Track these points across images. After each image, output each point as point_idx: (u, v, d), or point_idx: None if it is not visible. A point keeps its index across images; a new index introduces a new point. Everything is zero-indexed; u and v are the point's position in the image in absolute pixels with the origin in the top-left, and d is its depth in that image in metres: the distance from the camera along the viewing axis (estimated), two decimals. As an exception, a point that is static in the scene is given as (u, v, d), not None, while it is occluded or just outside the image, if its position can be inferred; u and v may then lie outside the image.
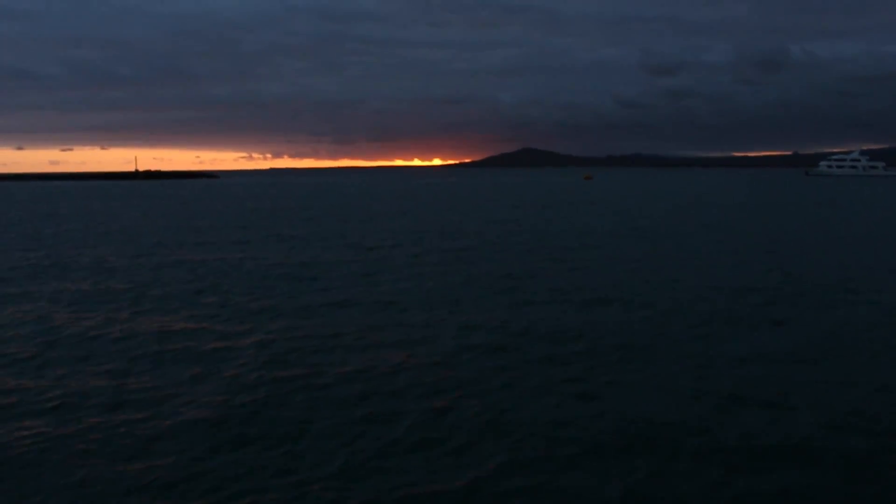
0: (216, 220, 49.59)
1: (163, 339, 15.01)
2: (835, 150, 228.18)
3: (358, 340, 14.83)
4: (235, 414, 10.62)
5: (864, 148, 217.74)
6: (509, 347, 14.24)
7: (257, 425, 10.22)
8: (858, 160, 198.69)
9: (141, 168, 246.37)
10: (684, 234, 37.52)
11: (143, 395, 11.48)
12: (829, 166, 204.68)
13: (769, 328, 15.92)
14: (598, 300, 19.19)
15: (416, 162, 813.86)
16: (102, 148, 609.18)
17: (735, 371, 12.65)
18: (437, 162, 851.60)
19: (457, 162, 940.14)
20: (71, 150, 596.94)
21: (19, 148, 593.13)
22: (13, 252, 31.03)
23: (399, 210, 60.64)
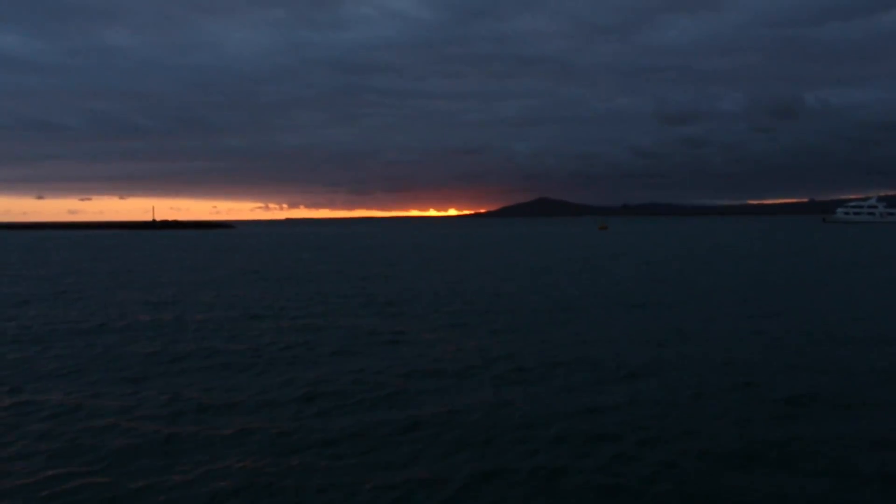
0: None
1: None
2: (851, 197, 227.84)
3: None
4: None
5: (882, 194, 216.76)
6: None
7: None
8: (876, 206, 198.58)
9: (158, 218, 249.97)
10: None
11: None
12: (847, 213, 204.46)
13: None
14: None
15: (432, 212, 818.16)
16: (121, 198, 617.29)
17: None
18: (452, 212, 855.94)
19: (472, 212, 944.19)
20: (90, 199, 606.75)
21: (40, 197, 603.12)
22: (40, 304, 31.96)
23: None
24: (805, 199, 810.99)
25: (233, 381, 15.61)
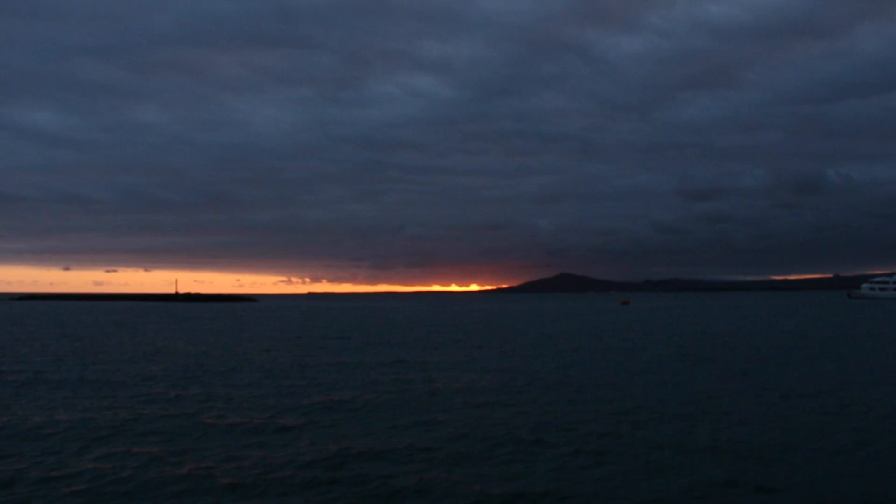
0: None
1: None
2: (876, 272, 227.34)
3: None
4: None
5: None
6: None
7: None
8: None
9: (181, 290, 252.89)
10: (748, 363, 38.44)
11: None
12: (872, 288, 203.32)
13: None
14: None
15: (454, 287, 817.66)
16: (146, 270, 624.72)
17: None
18: (474, 287, 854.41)
19: (494, 287, 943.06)
20: (115, 271, 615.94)
21: (66, 268, 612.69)
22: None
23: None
24: (830, 275, 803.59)
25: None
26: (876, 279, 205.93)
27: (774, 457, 15.53)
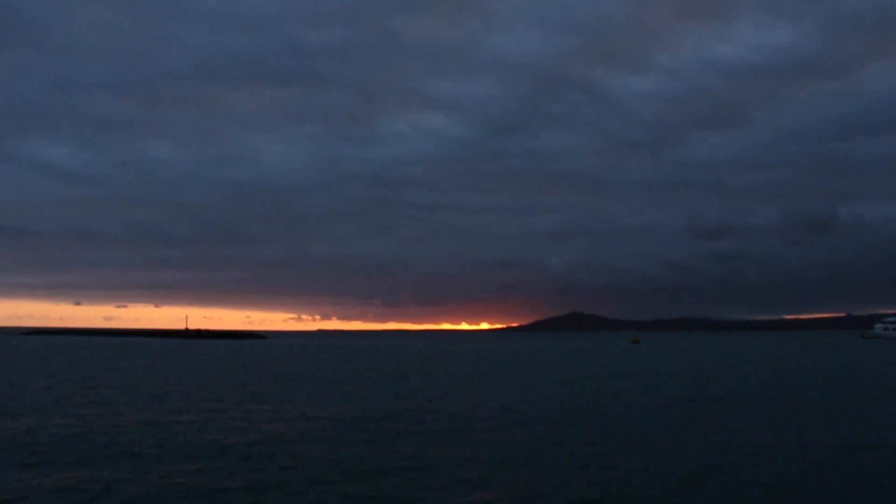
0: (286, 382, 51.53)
1: None
2: (889, 312, 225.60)
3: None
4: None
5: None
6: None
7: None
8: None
9: (191, 326, 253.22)
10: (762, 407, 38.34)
11: None
12: (885, 328, 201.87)
13: None
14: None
15: (464, 325, 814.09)
16: (156, 305, 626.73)
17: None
18: (484, 326, 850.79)
19: (504, 326, 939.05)
20: (125, 306, 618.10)
21: (77, 303, 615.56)
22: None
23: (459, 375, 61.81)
24: (842, 314, 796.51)
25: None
26: (889, 319, 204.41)
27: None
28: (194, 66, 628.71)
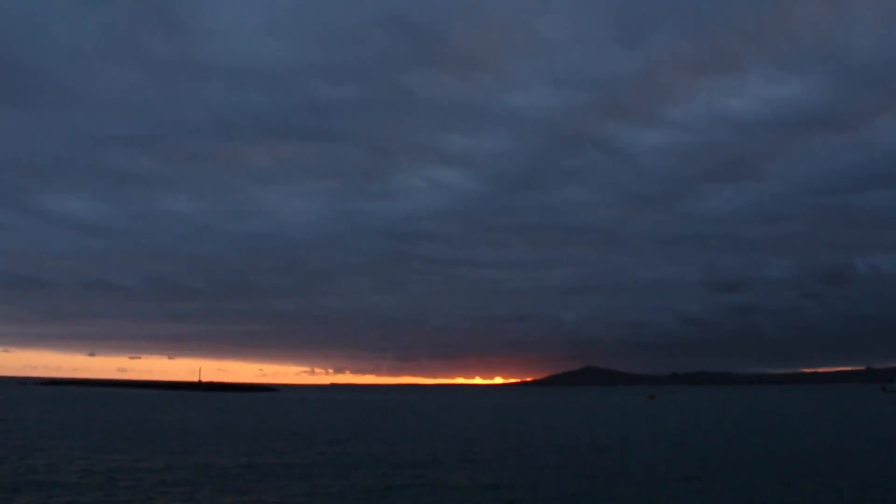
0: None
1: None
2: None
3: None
4: None
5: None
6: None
7: None
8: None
9: (204, 379, 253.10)
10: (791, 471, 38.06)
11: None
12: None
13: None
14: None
15: (478, 380, 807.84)
16: (169, 357, 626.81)
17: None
18: (498, 380, 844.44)
19: (518, 381, 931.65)
20: (139, 358, 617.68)
21: (91, 354, 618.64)
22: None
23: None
24: (862, 367, 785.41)
25: None
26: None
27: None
28: (212, 121, 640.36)
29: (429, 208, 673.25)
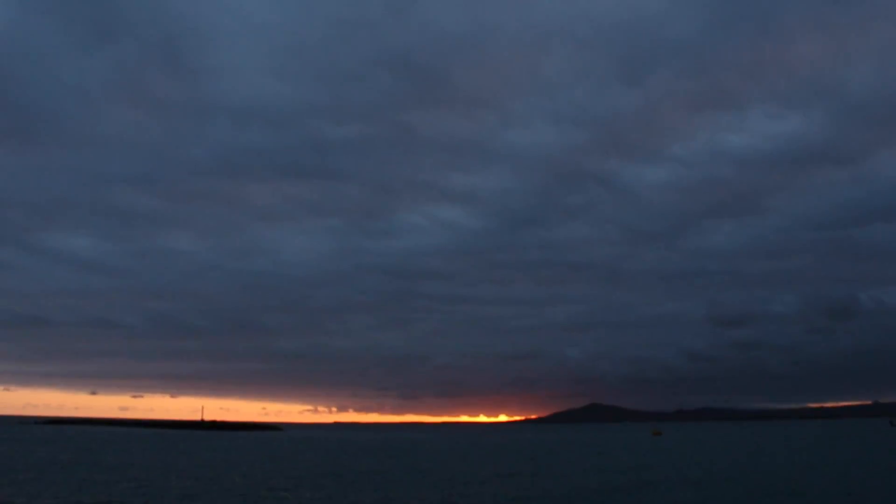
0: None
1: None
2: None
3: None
4: None
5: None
6: None
7: None
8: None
9: (207, 417, 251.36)
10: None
11: None
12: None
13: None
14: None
15: (482, 418, 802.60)
16: (172, 396, 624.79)
17: None
18: (503, 418, 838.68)
19: (523, 418, 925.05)
20: (141, 396, 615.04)
21: (93, 393, 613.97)
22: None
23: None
24: (868, 402, 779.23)
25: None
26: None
27: None
28: (216, 160, 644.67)
29: (432, 246, 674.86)
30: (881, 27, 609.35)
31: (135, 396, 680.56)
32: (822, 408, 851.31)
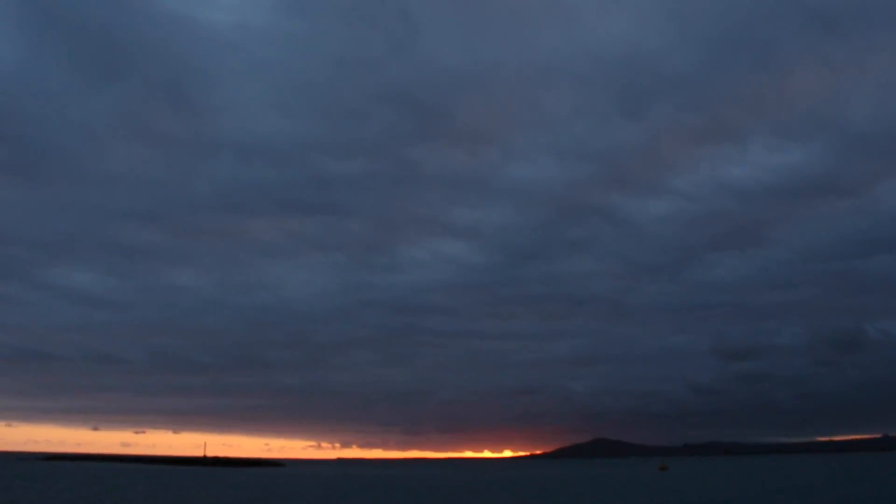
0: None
1: None
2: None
3: None
4: None
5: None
6: None
7: None
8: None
9: (209, 453, 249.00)
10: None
11: None
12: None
13: None
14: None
15: (487, 453, 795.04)
16: (174, 432, 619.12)
17: None
18: (507, 453, 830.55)
19: (528, 453, 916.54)
20: (143, 432, 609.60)
21: (95, 428, 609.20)
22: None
23: None
24: (878, 435, 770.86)
25: None
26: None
27: None
28: (219, 196, 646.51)
29: (435, 281, 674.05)
30: (879, 60, 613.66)
31: (137, 432, 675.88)
32: (831, 441, 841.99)
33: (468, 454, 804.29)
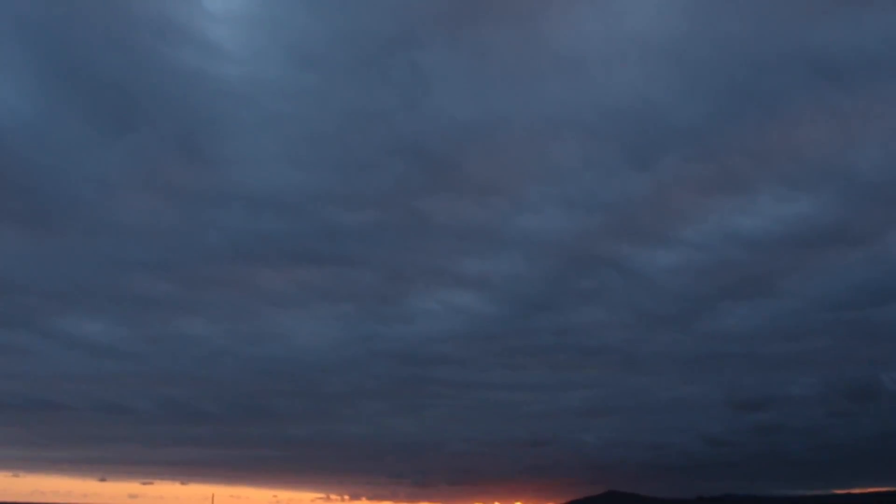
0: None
1: None
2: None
3: None
4: None
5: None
6: None
7: None
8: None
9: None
10: None
11: None
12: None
13: None
14: None
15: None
16: (182, 483, 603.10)
17: None
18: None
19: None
20: (151, 483, 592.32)
21: (102, 479, 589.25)
22: None
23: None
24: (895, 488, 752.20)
25: None
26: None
27: None
28: (230, 246, 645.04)
29: (445, 331, 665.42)
30: (886, 111, 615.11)
31: (144, 483, 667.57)
32: (848, 494, 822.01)
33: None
